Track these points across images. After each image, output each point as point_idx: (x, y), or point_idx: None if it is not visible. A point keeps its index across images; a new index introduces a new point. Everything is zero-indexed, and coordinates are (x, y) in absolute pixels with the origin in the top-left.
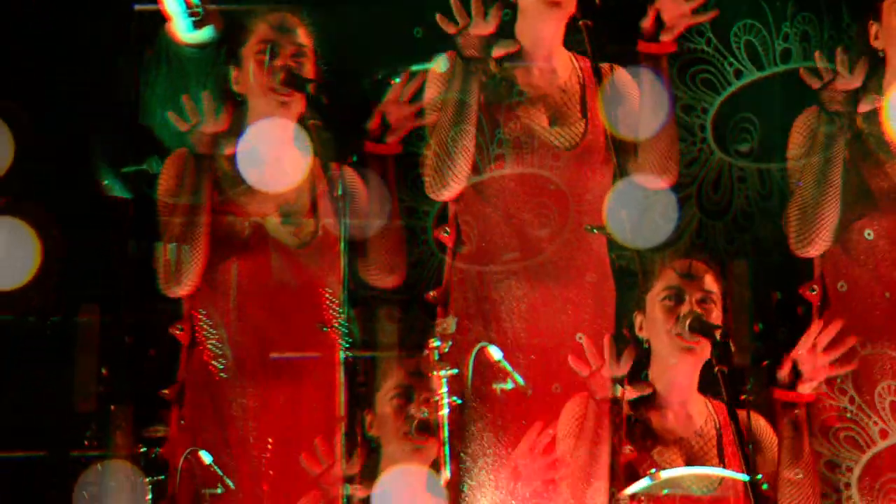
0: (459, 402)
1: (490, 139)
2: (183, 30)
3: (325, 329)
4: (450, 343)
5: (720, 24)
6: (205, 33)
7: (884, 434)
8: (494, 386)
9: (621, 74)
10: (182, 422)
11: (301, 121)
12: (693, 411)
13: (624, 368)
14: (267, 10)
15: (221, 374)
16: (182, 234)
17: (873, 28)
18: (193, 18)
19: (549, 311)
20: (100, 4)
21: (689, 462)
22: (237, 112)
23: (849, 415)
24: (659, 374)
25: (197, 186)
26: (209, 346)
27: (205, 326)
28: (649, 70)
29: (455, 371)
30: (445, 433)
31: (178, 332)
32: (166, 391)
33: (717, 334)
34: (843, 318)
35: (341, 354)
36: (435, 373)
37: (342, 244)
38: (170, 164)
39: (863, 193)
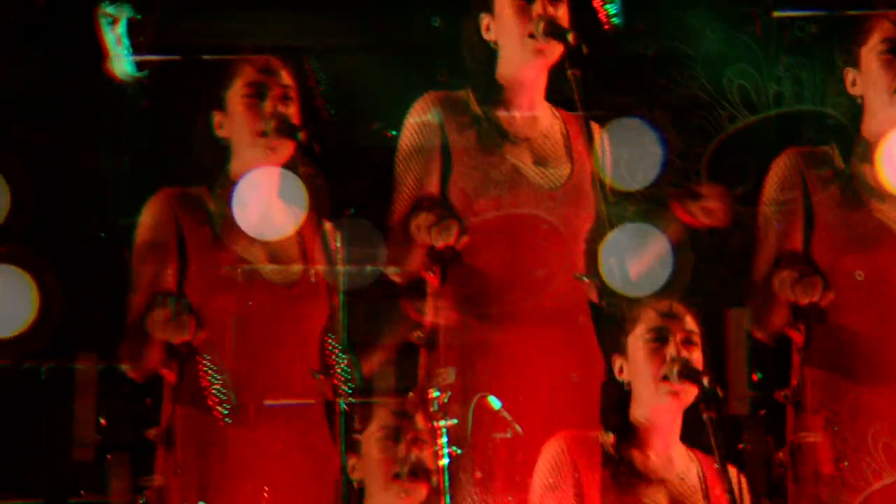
0: (459, 451)
1: (478, 182)
2: (121, 66)
3: (317, 376)
4: (449, 393)
5: (712, 70)
6: (139, 70)
7: (877, 475)
8: (495, 436)
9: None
10: (178, 471)
11: (291, 167)
12: (674, 455)
13: None
14: (251, 53)
15: (226, 420)
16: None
17: (850, 75)
18: (132, 56)
19: (539, 353)
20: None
21: (674, 501)
22: (219, 157)
23: (846, 463)
24: (641, 417)
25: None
26: (213, 392)
27: (209, 371)
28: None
29: (455, 421)
30: (446, 483)
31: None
32: (151, 432)
33: (706, 380)
34: (834, 360)
35: (342, 402)
36: (434, 423)
37: (340, 296)
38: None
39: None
